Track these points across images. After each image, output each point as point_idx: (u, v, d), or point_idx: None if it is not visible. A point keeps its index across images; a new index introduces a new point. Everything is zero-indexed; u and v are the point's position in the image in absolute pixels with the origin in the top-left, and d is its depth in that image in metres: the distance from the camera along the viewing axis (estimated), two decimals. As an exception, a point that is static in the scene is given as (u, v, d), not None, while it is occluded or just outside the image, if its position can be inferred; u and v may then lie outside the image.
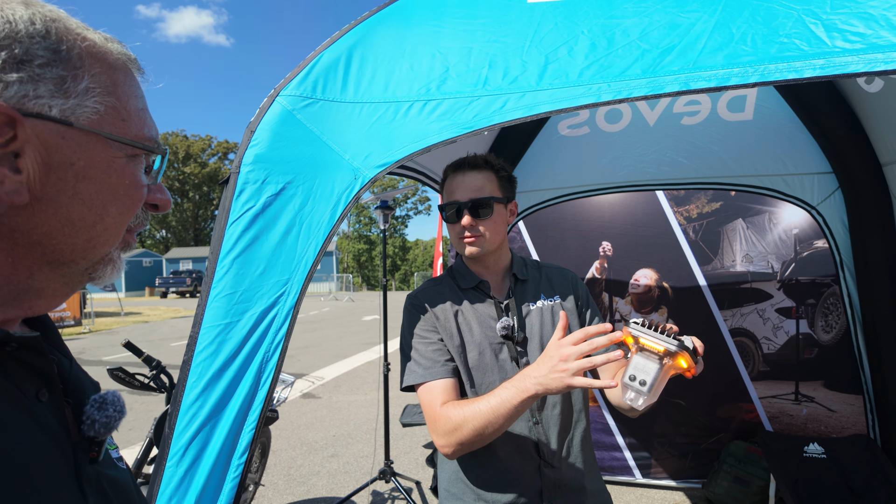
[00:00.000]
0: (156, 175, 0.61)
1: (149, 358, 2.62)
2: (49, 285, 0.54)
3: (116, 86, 0.55)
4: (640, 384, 1.01)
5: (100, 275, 0.57)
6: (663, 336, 1.01)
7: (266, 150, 1.32)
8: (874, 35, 1.04)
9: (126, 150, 0.55)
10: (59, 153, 0.49)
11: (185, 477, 1.20)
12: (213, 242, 1.30)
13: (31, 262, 0.51)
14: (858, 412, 3.14)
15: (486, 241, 1.37)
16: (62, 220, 0.50)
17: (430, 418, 1.26)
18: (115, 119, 0.54)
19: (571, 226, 3.66)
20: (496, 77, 1.25)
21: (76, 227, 0.52)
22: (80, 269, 0.55)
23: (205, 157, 58.92)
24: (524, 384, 1.11)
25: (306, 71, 1.34)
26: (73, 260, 0.53)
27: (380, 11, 1.39)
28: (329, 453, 4.67)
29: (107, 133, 0.53)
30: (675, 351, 0.99)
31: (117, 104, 0.54)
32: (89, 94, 0.51)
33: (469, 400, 1.22)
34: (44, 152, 0.48)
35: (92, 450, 0.56)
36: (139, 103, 0.58)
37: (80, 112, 0.51)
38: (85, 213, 0.52)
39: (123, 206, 0.56)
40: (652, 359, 1.02)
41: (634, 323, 1.06)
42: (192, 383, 1.23)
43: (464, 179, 1.38)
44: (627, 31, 1.20)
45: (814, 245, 3.22)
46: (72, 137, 0.50)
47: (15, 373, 0.50)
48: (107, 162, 0.53)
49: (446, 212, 1.40)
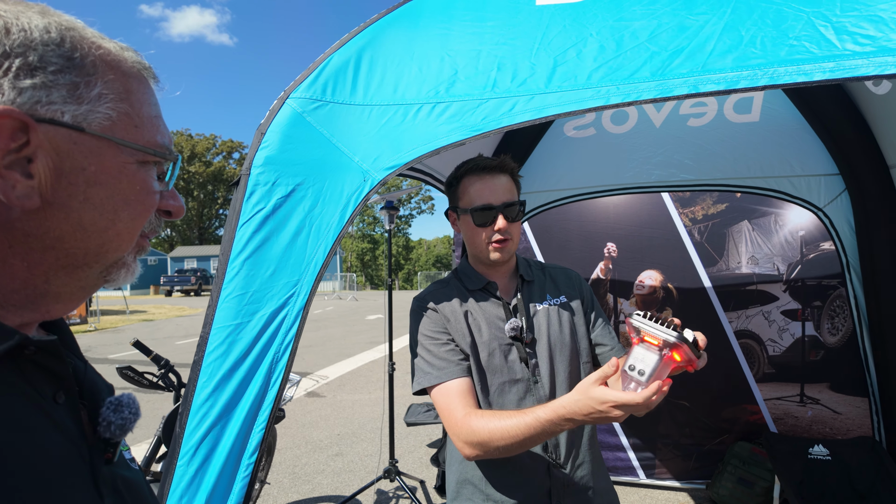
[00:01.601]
0: (168, 181, 0.62)
1: (157, 357, 2.64)
2: (65, 290, 0.54)
3: (130, 93, 0.55)
4: (639, 374, 1.02)
5: (114, 277, 0.58)
6: (664, 328, 1.01)
7: (276, 152, 1.33)
8: (884, 38, 1.04)
9: (138, 156, 0.55)
10: (70, 158, 0.50)
11: (196, 475, 1.22)
12: (224, 244, 1.32)
13: (47, 267, 0.52)
14: (864, 414, 3.13)
15: (512, 244, 1.37)
16: (74, 224, 0.51)
17: (450, 423, 1.25)
18: (127, 125, 0.54)
19: (576, 227, 3.66)
20: (505, 79, 1.25)
21: (88, 231, 0.52)
22: (94, 273, 0.56)
23: (209, 157, 59.08)
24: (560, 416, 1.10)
25: (316, 73, 1.35)
26: (87, 264, 0.54)
27: (389, 14, 1.39)
28: (334, 452, 4.69)
29: (119, 139, 0.53)
30: (674, 342, 1.00)
31: (130, 111, 0.55)
32: (102, 101, 0.52)
33: (495, 414, 1.20)
34: (55, 157, 0.49)
35: (107, 451, 0.57)
36: (152, 110, 0.59)
37: (92, 118, 0.51)
38: (96, 218, 0.52)
39: (135, 211, 0.56)
40: (652, 349, 1.03)
41: (637, 314, 1.06)
42: (203, 383, 1.24)
43: (494, 182, 1.35)
44: (636, 33, 1.20)
45: (820, 247, 3.21)
46: (83, 143, 0.51)
47: (33, 376, 0.50)
48: (118, 168, 0.54)
49: (477, 216, 1.35)
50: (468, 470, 1.39)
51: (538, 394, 1.35)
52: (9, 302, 0.51)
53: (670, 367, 1.04)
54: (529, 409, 1.16)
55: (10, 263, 0.49)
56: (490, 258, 1.38)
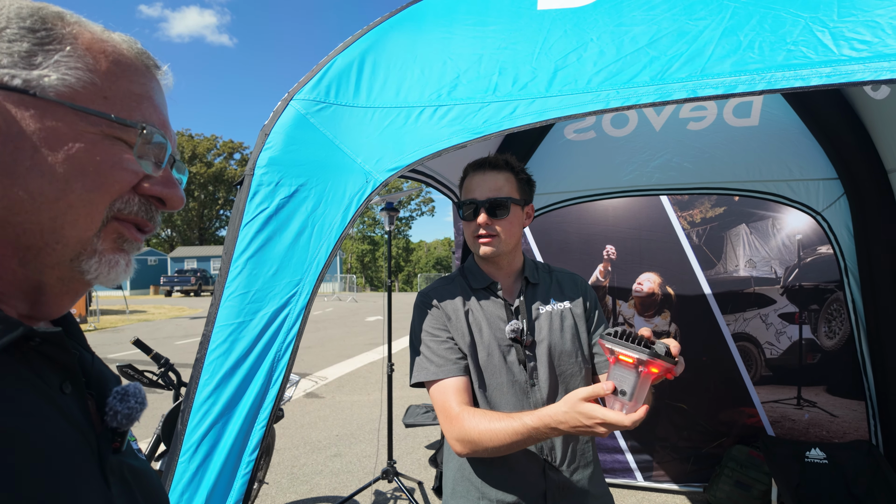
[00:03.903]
0: (155, 166, 0.59)
1: (157, 356, 2.65)
2: (44, 279, 0.54)
3: (105, 66, 0.55)
4: (621, 394, 1.05)
5: (87, 268, 0.55)
6: (634, 345, 1.03)
7: (280, 152, 1.35)
8: (881, 43, 1.05)
9: (101, 126, 0.54)
10: (16, 123, 0.49)
11: (198, 472, 1.23)
12: (227, 243, 1.33)
13: (12, 247, 0.51)
14: (860, 418, 3.15)
15: (500, 241, 1.38)
16: (21, 191, 0.50)
17: (445, 419, 1.29)
18: (93, 95, 0.53)
19: (575, 229, 3.67)
20: (506, 83, 1.26)
21: (36, 201, 0.50)
22: (64, 259, 0.54)
23: (210, 157, 59.09)
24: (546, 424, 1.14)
25: (320, 75, 1.37)
26: (46, 243, 0.52)
27: (392, 17, 1.41)
28: (332, 452, 4.69)
29: (77, 105, 0.52)
30: (647, 360, 1.01)
31: (98, 81, 0.54)
32: (60, 67, 0.52)
33: (487, 415, 1.24)
34: (2, 121, 0.49)
35: (115, 440, 0.58)
36: (135, 88, 0.57)
37: (46, 83, 0.51)
38: (44, 186, 0.50)
39: (92, 183, 0.53)
40: (628, 368, 1.05)
41: (607, 334, 1.08)
42: (205, 380, 1.26)
43: (483, 179, 1.39)
44: (636, 38, 1.22)
45: (817, 251, 3.23)
46: (35, 107, 0.50)
47: (40, 366, 0.51)
48: (73, 135, 0.52)
49: (463, 210, 1.41)
50: (465, 468, 1.40)
51: (535, 397, 1.36)
52: (3, 294, 0.52)
53: (650, 380, 1.05)
54: (518, 413, 1.19)
55: None
56: (479, 252, 1.41)
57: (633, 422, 1.03)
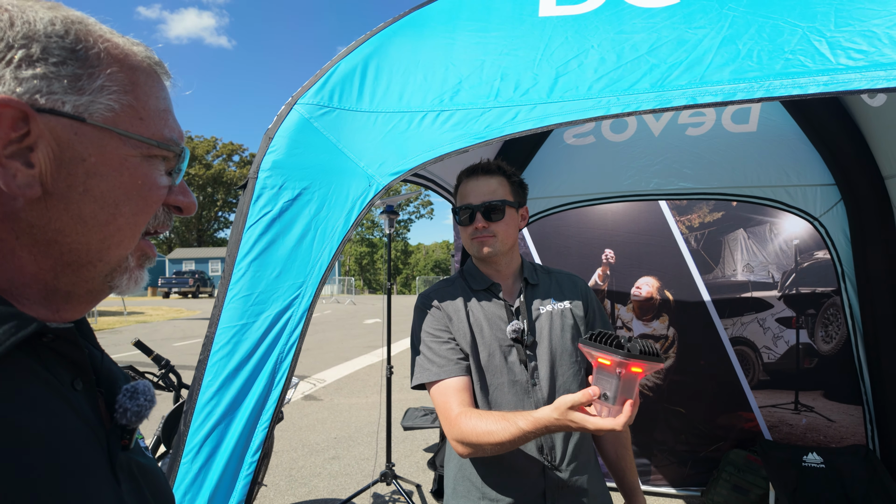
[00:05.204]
0: (176, 176, 0.61)
1: (158, 357, 2.65)
2: (75, 290, 0.55)
3: (136, 85, 0.56)
4: (604, 397, 1.06)
5: (118, 283, 0.58)
6: (610, 348, 1.03)
7: (283, 156, 1.36)
8: (877, 52, 1.07)
9: (142, 148, 0.55)
10: (70, 149, 0.50)
11: (200, 473, 1.23)
12: (231, 245, 1.34)
13: (53, 262, 0.52)
14: (858, 423, 3.16)
15: (498, 241, 1.41)
16: (74, 216, 0.51)
17: (445, 419, 1.30)
18: (131, 118, 0.55)
19: (574, 233, 3.69)
20: (508, 89, 1.28)
21: (88, 224, 0.52)
22: (100, 275, 0.56)
23: (209, 159, 59.06)
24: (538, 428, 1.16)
25: (323, 80, 1.38)
26: (90, 262, 0.54)
27: (395, 23, 1.43)
28: (330, 455, 4.69)
29: (121, 130, 0.53)
30: (624, 360, 1.01)
31: (135, 103, 0.55)
32: (104, 92, 0.52)
33: (484, 416, 1.25)
34: (56, 147, 0.49)
35: (123, 437, 0.59)
36: (160, 104, 0.59)
37: (93, 109, 0.52)
38: (97, 211, 0.52)
39: (137, 206, 0.56)
40: (608, 371, 1.05)
41: (586, 338, 1.08)
42: (208, 382, 1.26)
43: (477, 184, 1.42)
44: (636, 45, 1.24)
45: (814, 256, 3.25)
46: (84, 133, 0.51)
47: (52, 363, 0.52)
48: (119, 160, 0.54)
49: (460, 215, 1.44)
50: (466, 467, 1.42)
51: (536, 396, 1.38)
52: (23, 295, 0.52)
53: (636, 380, 1.05)
54: (514, 415, 1.21)
55: (18, 255, 0.51)
56: (478, 253, 1.43)
57: (621, 424, 1.04)
